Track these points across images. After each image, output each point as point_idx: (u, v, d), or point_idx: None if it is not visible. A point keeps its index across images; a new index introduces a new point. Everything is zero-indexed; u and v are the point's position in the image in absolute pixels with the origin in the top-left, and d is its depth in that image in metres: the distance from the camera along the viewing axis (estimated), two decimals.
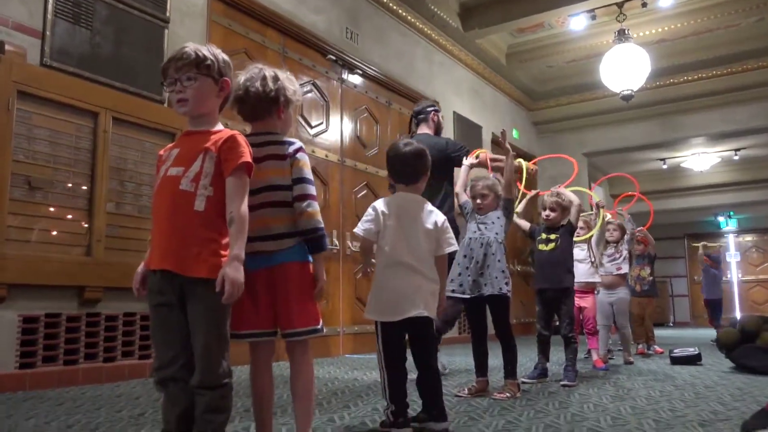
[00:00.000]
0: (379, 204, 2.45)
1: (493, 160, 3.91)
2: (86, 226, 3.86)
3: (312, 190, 1.94)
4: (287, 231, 1.90)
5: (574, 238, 4.13)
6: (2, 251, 3.38)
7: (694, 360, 4.93)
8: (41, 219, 3.65)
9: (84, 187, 3.88)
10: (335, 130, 6.25)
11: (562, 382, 3.64)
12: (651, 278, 6.38)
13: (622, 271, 5.13)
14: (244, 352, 1.98)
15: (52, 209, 3.71)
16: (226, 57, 1.83)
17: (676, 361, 4.97)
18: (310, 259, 1.94)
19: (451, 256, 2.93)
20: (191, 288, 1.66)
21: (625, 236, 5.25)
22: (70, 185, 3.81)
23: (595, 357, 4.65)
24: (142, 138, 4.17)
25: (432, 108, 4.32)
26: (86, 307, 3.79)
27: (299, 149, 1.96)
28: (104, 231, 3.90)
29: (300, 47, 5.89)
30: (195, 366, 1.66)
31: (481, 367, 3.34)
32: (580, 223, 4.72)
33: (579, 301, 4.59)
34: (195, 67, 1.74)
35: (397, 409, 2.29)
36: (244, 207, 1.69)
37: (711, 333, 8.43)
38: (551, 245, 3.88)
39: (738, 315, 13.80)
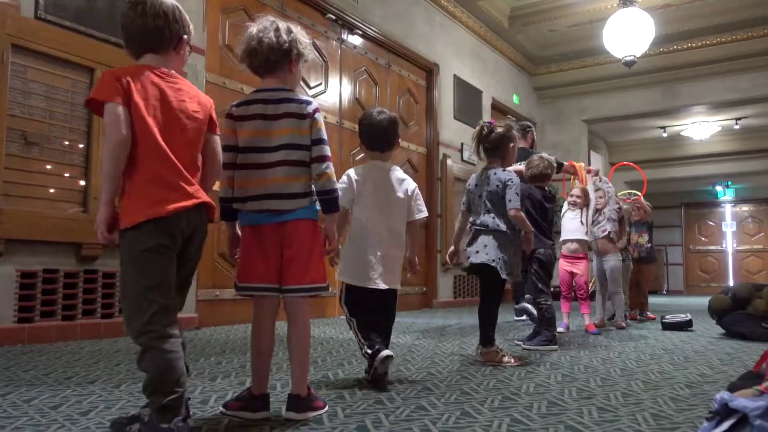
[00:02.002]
0: (353, 172, 2.52)
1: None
2: (83, 183, 3.85)
3: (329, 151, 1.93)
4: (304, 191, 1.90)
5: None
6: None
7: (685, 326, 4.99)
8: (38, 175, 3.64)
9: (80, 145, 3.86)
10: (334, 91, 6.19)
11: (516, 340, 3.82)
12: (649, 245, 6.41)
13: (606, 232, 5.11)
14: (237, 311, 2.00)
15: (48, 166, 3.70)
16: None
17: (668, 326, 5.03)
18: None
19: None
20: None
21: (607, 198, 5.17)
22: (66, 142, 3.79)
23: (587, 321, 4.69)
24: None
25: (530, 128, 5.77)
26: (84, 263, 3.81)
27: (317, 109, 1.94)
28: (101, 188, 3.88)
29: (299, 5, 5.80)
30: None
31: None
32: (577, 192, 4.71)
33: (571, 267, 4.63)
34: None
35: (371, 343, 2.41)
36: (104, 149, 1.61)
37: (706, 301, 8.50)
38: None
39: (731, 283, 13.95)
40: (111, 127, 1.56)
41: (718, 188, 15.55)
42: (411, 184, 2.57)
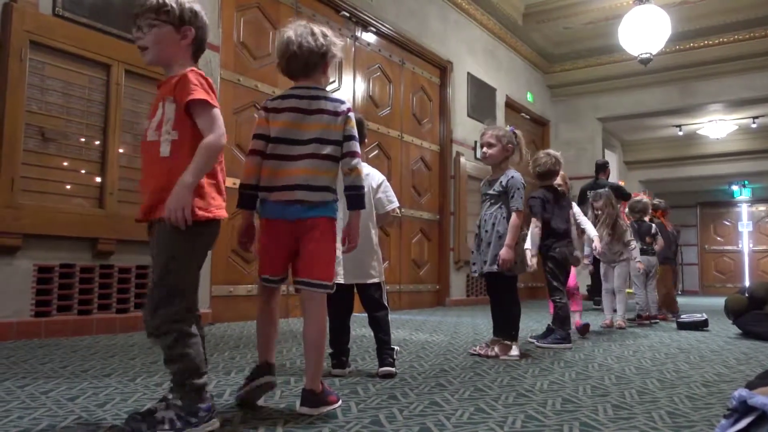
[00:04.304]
0: None
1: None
2: (99, 179, 3.88)
3: (359, 147, 2.01)
4: (330, 185, 1.95)
5: None
6: (17, 201, 3.42)
7: (700, 325, 4.95)
8: (55, 170, 3.68)
9: (96, 141, 3.89)
10: (348, 88, 6.19)
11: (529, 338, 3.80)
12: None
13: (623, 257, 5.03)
14: (251, 307, 2.08)
15: (65, 162, 3.73)
16: (194, 6, 1.76)
17: (683, 326, 4.99)
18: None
19: None
20: (157, 228, 1.66)
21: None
22: (83, 139, 3.82)
23: (576, 317, 4.31)
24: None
25: (608, 164, 7.77)
26: (100, 258, 3.85)
27: (350, 108, 2.02)
28: (117, 184, 3.92)
29: (313, 2, 5.81)
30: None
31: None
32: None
33: None
34: (154, 13, 1.71)
35: (334, 353, 2.62)
36: (210, 138, 1.64)
37: (721, 302, 8.41)
38: None
39: (747, 283, 13.79)
40: (221, 130, 1.66)
41: (735, 187, 15.37)
42: (377, 178, 2.68)
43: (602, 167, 7.61)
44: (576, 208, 4.55)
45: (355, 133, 1.98)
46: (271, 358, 1.99)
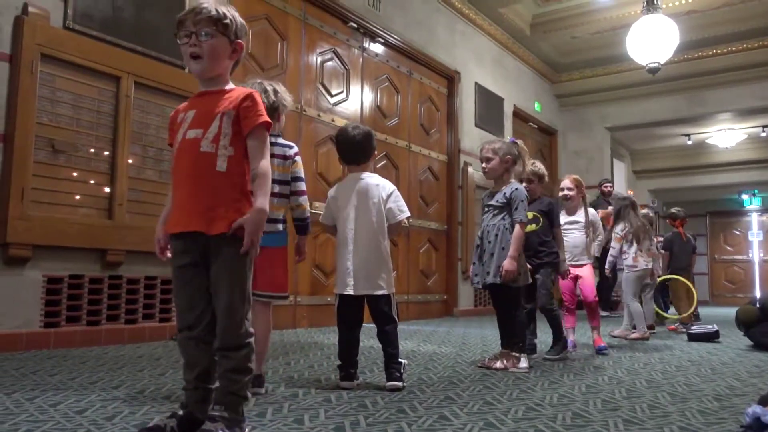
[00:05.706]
0: (331, 191, 2.81)
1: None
2: (108, 190, 3.90)
3: (305, 186, 2.49)
4: (280, 218, 2.42)
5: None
6: (27, 212, 3.44)
7: (711, 337, 4.90)
8: (64, 182, 3.70)
9: (106, 152, 3.91)
10: (355, 99, 6.21)
11: (544, 356, 3.61)
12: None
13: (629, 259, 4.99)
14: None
15: (75, 174, 3.75)
16: (242, 21, 1.82)
17: (694, 338, 4.94)
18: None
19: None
20: (215, 247, 1.68)
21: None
22: (92, 150, 3.84)
23: (595, 335, 4.07)
24: (163, 103, 4.18)
25: (604, 182, 8.47)
26: (108, 269, 3.86)
27: (297, 152, 2.48)
28: (126, 195, 3.94)
29: (321, 14, 5.83)
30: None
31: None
32: (568, 183, 4.23)
33: (574, 270, 4.04)
34: (213, 24, 1.72)
35: (343, 365, 2.61)
36: (265, 163, 1.73)
37: (732, 312, 8.32)
38: (533, 226, 3.65)
39: (758, 293, 13.65)
40: (269, 155, 1.78)
41: (744, 197, 15.24)
42: (387, 188, 2.72)
43: (600, 185, 8.44)
44: (562, 219, 4.05)
45: (302, 174, 2.46)
46: (260, 370, 2.35)
